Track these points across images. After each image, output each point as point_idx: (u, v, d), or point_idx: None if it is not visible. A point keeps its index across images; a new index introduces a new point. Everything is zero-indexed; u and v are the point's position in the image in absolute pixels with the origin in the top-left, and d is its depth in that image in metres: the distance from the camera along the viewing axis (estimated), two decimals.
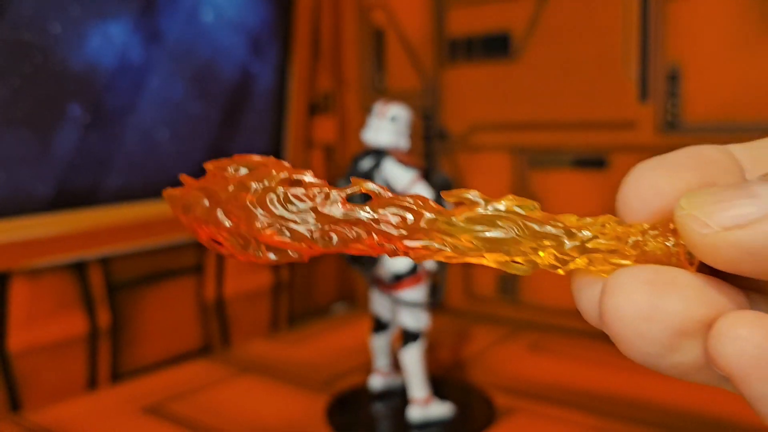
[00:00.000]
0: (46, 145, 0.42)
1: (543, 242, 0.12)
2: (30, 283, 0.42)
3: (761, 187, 0.11)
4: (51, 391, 0.43)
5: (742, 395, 0.11)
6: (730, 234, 0.11)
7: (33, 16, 0.40)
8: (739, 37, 0.43)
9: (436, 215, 0.12)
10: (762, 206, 0.11)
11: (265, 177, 0.12)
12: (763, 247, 0.10)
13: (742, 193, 0.11)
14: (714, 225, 0.11)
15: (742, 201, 0.11)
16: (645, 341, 0.11)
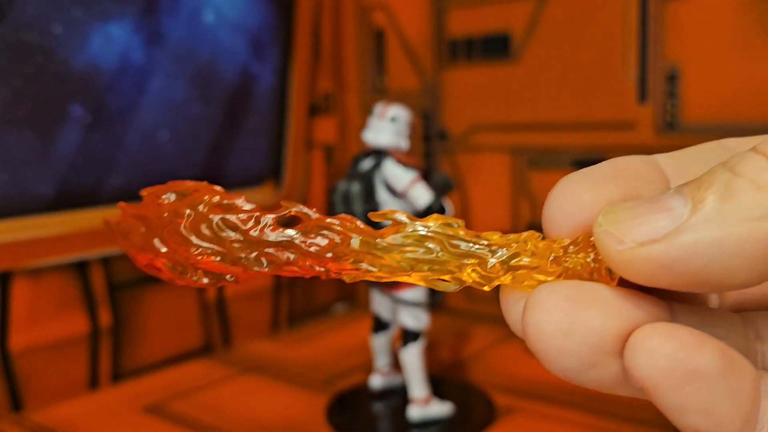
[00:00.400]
0: (47, 145, 0.42)
1: (467, 261, 0.12)
2: (31, 283, 0.42)
3: (674, 200, 0.11)
4: (52, 391, 0.43)
5: (658, 407, 0.11)
6: (644, 249, 0.11)
7: (35, 17, 0.41)
8: (738, 37, 0.43)
9: (364, 237, 0.12)
10: (675, 219, 0.11)
11: (198, 203, 0.13)
12: (678, 261, 0.10)
13: (656, 207, 0.11)
14: (629, 241, 0.11)
15: (655, 215, 0.11)
16: (564, 357, 0.11)
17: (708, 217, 0.10)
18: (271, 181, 0.57)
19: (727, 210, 0.10)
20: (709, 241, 0.10)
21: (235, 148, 0.54)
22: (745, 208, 0.10)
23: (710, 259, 0.10)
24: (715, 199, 0.10)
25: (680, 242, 0.10)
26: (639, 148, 0.48)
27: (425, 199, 0.37)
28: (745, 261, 0.10)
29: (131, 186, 0.47)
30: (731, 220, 0.10)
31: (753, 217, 0.10)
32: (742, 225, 0.10)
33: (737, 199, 0.10)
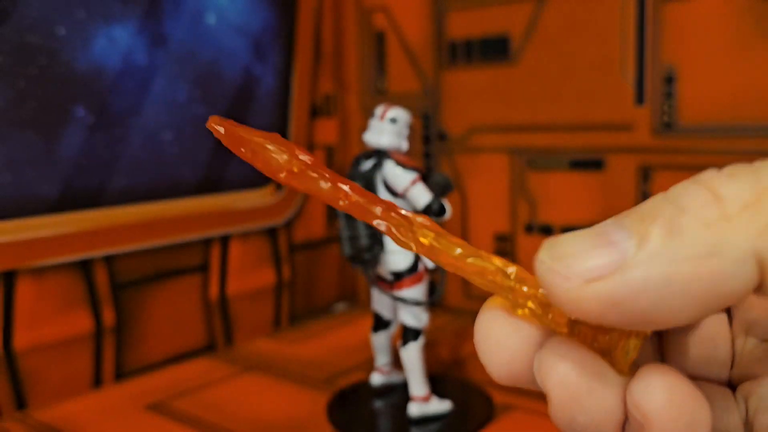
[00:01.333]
0: (51, 146, 0.42)
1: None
2: (35, 282, 0.42)
3: (618, 234, 0.11)
4: (56, 390, 0.44)
5: None
6: (591, 287, 0.10)
7: (38, 18, 0.41)
8: (735, 40, 0.43)
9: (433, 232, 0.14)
10: (621, 255, 0.10)
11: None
12: (625, 299, 0.10)
13: (601, 241, 0.11)
14: (575, 278, 0.11)
15: (600, 250, 0.11)
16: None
17: (655, 254, 0.10)
18: (273, 181, 0.57)
19: (674, 247, 0.10)
20: (657, 280, 0.10)
21: None
22: (692, 245, 0.10)
23: (658, 298, 0.10)
24: (661, 235, 0.10)
25: (628, 280, 0.10)
26: (636, 149, 0.49)
27: (425, 199, 0.37)
28: (692, 299, 0.10)
29: (135, 186, 0.47)
30: (679, 258, 0.10)
31: (700, 255, 0.10)
32: (689, 263, 0.10)
33: (684, 237, 0.10)
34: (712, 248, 0.10)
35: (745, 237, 0.10)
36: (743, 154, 0.44)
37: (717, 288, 0.10)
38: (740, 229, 0.10)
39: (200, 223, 0.51)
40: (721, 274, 0.10)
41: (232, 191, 0.54)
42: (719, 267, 0.10)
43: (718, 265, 0.10)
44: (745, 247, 0.10)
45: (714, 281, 0.10)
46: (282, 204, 0.58)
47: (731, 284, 0.10)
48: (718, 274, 0.10)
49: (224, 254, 0.54)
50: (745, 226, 0.10)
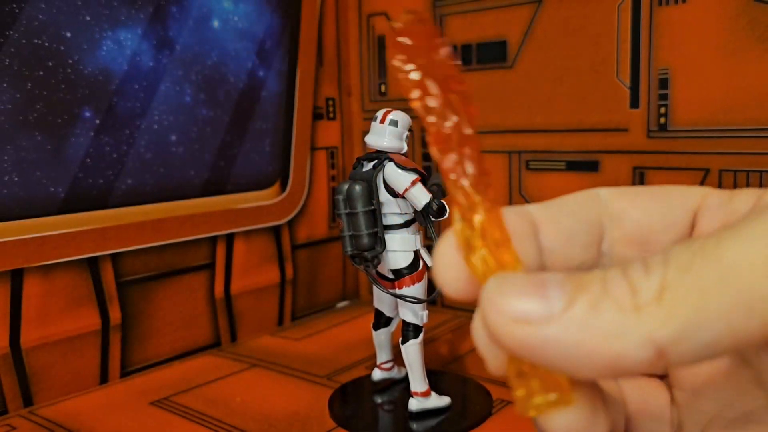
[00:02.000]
0: (58, 148, 0.43)
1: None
2: (43, 280, 0.43)
3: (554, 290, 0.12)
4: (63, 386, 0.44)
5: None
6: (515, 326, 0.12)
7: (46, 22, 0.42)
8: (728, 43, 0.44)
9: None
10: (548, 309, 0.12)
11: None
12: (539, 347, 0.12)
13: (538, 291, 0.12)
14: (504, 315, 0.12)
15: (533, 298, 0.12)
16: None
17: (575, 319, 0.12)
18: (277, 182, 0.58)
19: (592, 320, 0.12)
20: (569, 341, 0.12)
21: (241, 150, 0.54)
22: (606, 323, 0.12)
23: (565, 354, 0.12)
24: (584, 307, 0.12)
25: (546, 332, 0.12)
26: (631, 151, 0.49)
27: (424, 200, 0.38)
28: (594, 364, 0.12)
29: (141, 188, 0.48)
30: (592, 330, 0.12)
31: (609, 333, 0.12)
32: (599, 337, 0.12)
33: (602, 315, 0.12)
34: (620, 330, 0.12)
35: (648, 328, 0.12)
36: (736, 156, 0.45)
37: (616, 362, 0.12)
38: (644, 320, 0.12)
39: (205, 223, 0.52)
40: (622, 351, 0.12)
41: (236, 192, 0.54)
42: (621, 346, 0.12)
43: (620, 344, 0.12)
44: (645, 335, 0.12)
45: (615, 356, 0.12)
46: (285, 203, 0.58)
47: (629, 362, 0.12)
48: (619, 351, 0.12)
49: (229, 253, 0.54)
50: (649, 318, 0.12)
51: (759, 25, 0.43)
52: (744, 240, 0.11)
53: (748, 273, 0.11)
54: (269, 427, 0.39)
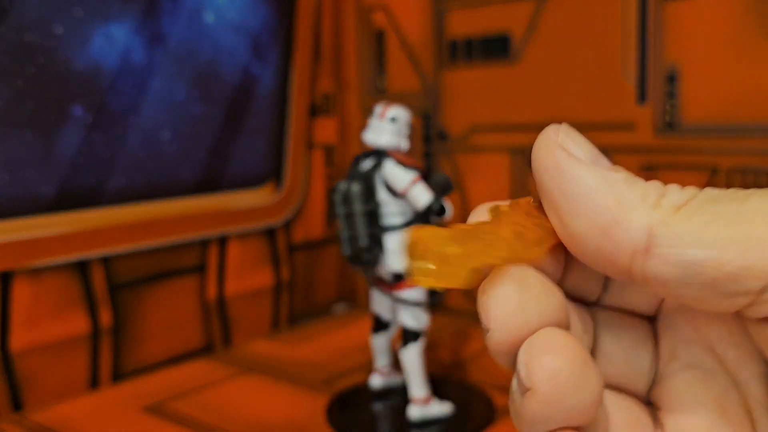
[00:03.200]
0: (49, 146, 0.42)
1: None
2: (32, 283, 0.42)
3: (604, 160, 0.15)
4: (53, 391, 0.43)
5: None
6: (558, 151, 0.15)
7: (36, 17, 0.41)
8: (737, 39, 0.43)
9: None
10: (590, 159, 0.14)
11: None
12: (563, 178, 0.14)
13: (594, 151, 0.15)
14: (555, 141, 0.15)
15: (587, 149, 0.15)
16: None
17: (606, 176, 0.14)
18: (272, 181, 0.57)
19: (619, 185, 0.14)
20: (590, 185, 0.14)
21: (236, 148, 0.54)
22: (627, 193, 0.13)
23: (579, 190, 0.14)
24: (623, 176, 0.14)
25: (575, 168, 0.14)
26: (638, 149, 0.48)
27: (425, 199, 0.37)
28: (591, 216, 0.14)
29: (133, 186, 0.47)
30: (613, 191, 0.13)
31: (623, 201, 0.13)
32: (612, 197, 0.13)
33: (631, 186, 0.14)
34: (633, 205, 0.13)
35: (654, 219, 0.13)
36: (746, 154, 0.44)
37: (611, 225, 0.13)
38: (656, 213, 0.13)
39: (198, 223, 0.51)
40: (622, 219, 0.13)
41: (230, 190, 0.54)
42: (624, 215, 0.13)
43: (625, 213, 0.13)
44: (647, 221, 0.13)
45: (614, 219, 0.13)
46: (281, 204, 0.58)
47: (619, 232, 0.13)
48: (620, 217, 0.13)
49: (222, 254, 0.54)
50: (661, 215, 0.13)
51: None
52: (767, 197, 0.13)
53: (760, 217, 0.12)
54: None
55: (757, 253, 0.12)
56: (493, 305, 0.13)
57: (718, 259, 0.12)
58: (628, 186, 0.13)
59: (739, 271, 0.12)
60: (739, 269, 0.12)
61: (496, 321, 0.13)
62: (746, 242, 0.12)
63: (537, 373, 0.13)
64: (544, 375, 0.12)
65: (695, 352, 0.15)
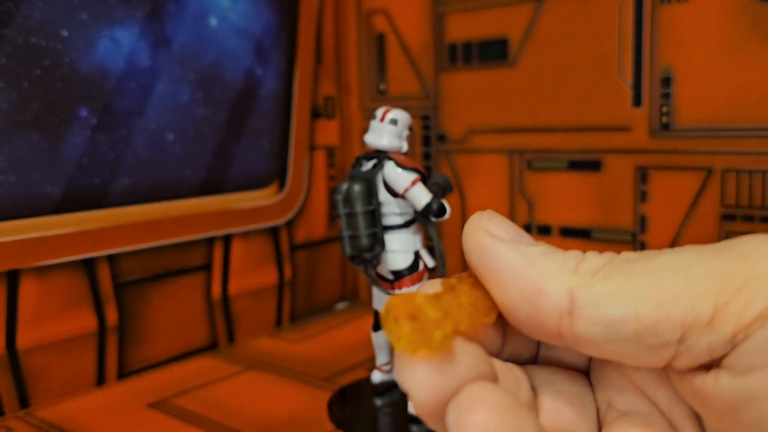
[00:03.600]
0: (55, 147, 0.43)
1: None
2: (39, 281, 0.43)
3: (526, 237, 0.16)
4: (59, 388, 0.44)
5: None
6: (483, 234, 0.16)
7: (41, 20, 0.41)
8: (731, 41, 0.44)
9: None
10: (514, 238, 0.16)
11: None
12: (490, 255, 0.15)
13: (515, 229, 0.16)
14: (481, 226, 0.16)
15: (508, 229, 0.16)
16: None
17: (526, 252, 0.15)
18: (275, 182, 0.58)
19: (538, 259, 0.15)
20: (513, 260, 0.15)
21: (239, 150, 0.54)
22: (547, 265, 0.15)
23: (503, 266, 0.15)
24: (541, 248, 0.16)
25: (501, 248, 0.15)
26: (634, 150, 0.49)
27: (424, 199, 0.37)
28: (517, 289, 0.15)
29: (137, 187, 0.48)
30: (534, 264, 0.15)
31: (544, 272, 0.14)
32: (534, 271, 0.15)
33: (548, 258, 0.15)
34: (554, 275, 0.14)
35: (574, 283, 0.14)
36: (740, 155, 0.45)
37: (535, 294, 0.14)
38: (574, 278, 0.14)
39: (202, 223, 0.52)
40: (545, 288, 0.14)
41: (234, 192, 0.54)
42: (546, 284, 0.14)
43: (547, 282, 0.14)
44: (568, 286, 0.14)
45: (537, 289, 0.14)
46: (284, 204, 0.58)
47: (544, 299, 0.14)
48: (543, 287, 0.14)
49: (226, 254, 0.54)
50: (579, 279, 0.14)
51: (762, 23, 0.43)
52: (674, 252, 0.14)
53: (669, 272, 0.13)
54: (267, 429, 0.39)
55: (669, 306, 0.13)
56: (408, 369, 0.13)
57: (635, 314, 0.13)
58: (547, 257, 0.14)
59: (656, 324, 0.13)
60: (656, 322, 0.13)
61: (414, 382, 0.13)
62: (658, 296, 0.13)
63: (466, 429, 0.12)
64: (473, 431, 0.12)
65: (629, 398, 0.16)
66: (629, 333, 0.13)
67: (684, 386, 0.14)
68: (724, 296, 0.12)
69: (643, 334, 0.13)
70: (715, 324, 0.12)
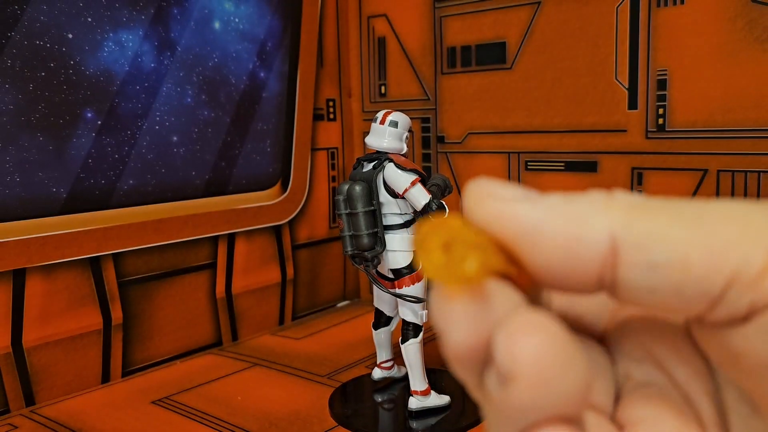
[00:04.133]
0: (60, 148, 0.43)
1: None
2: (45, 280, 0.43)
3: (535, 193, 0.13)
4: (65, 386, 0.44)
5: None
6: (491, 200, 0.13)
7: (48, 23, 0.42)
8: (726, 44, 0.44)
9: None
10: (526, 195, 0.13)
11: None
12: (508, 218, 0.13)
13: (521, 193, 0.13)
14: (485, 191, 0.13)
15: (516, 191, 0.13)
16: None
17: (546, 204, 0.13)
18: (278, 183, 0.58)
19: (561, 206, 0.13)
20: (535, 219, 0.12)
21: (242, 151, 0.55)
22: (574, 210, 0.12)
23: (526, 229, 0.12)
24: (559, 198, 0.13)
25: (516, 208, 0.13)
26: (629, 152, 0.50)
27: (424, 200, 0.38)
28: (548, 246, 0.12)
29: (142, 188, 0.48)
30: (559, 212, 0.12)
31: (574, 219, 0.12)
32: (562, 219, 0.12)
33: (573, 204, 0.12)
34: (586, 216, 0.12)
35: (612, 221, 0.12)
36: (734, 156, 0.45)
37: (571, 245, 0.12)
38: (611, 215, 0.12)
39: (206, 223, 0.52)
40: (581, 234, 0.12)
41: (237, 192, 0.55)
42: (581, 230, 0.12)
43: (581, 228, 0.12)
44: (607, 226, 0.12)
45: (572, 238, 0.12)
46: (286, 204, 0.59)
47: (583, 248, 0.12)
48: (578, 234, 0.12)
49: (230, 253, 0.55)
50: (617, 215, 0.12)
51: (757, 26, 0.43)
52: (727, 201, 0.12)
53: (723, 219, 0.12)
54: (270, 425, 0.39)
55: (721, 254, 0.11)
56: (445, 305, 0.12)
57: (683, 260, 0.12)
58: (572, 203, 0.12)
59: (705, 273, 0.11)
60: (705, 270, 0.11)
61: (450, 319, 0.12)
62: (710, 242, 0.11)
63: (519, 357, 0.11)
64: (527, 358, 0.11)
65: (647, 370, 0.15)
66: (674, 281, 0.12)
67: (710, 339, 0.13)
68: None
69: (688, 283, 0.11)
70: (762, 279, 0.11)
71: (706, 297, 0.12)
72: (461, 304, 0.12)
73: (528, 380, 0.11)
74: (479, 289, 0.12)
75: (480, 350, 0.12)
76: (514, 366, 0.11)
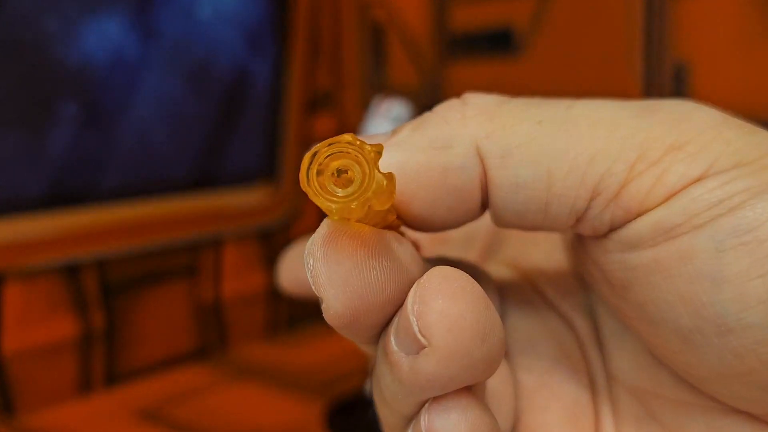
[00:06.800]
0: (39, 144, 0.42)
1: None
2: (23, 285, 0.42)
3: (382, 135, 0.12)
4: (44, 395, 0.43)
5: None
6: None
7: (26, 13, 0.40)
8: (747, 35, 0.43)
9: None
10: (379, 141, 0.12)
11: None
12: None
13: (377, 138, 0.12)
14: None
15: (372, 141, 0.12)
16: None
17: (397, 142, 0.11)
18: (269, 178, 0.57)
19: (414, 138, 0.11)
20: (394, 164, 0.11)
21: (231, 145, 0.54)
22: (429, 138, 0.11)
23: (397, 182, 0.11)
24: (408, 129, 0.11)
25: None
26: None
27: None
28: (425, 188, 0.11)
29: (126, 184, 0.47)
30: (415, 147, 0.11)
31: (434, 147, 0.11)
32: (423, 153, 0.11)
33: (424, 130, 0.11)
34: (445, 142, 0.11)
35: (474, 133, 0.11)
36: None
37: (446, 179, 0.11)
38: (471, 127, 0.11)
39: (193, 224, 0.51)
40: (449, 165, 0.11)
41: (225, 188, 0.54)
42: (447, 159, 0.11)
43: (446, 156, 0.11)
44: (470, 140, 0.11)
45: (443, 171, 0.11)
46: (278, 204, 0.57)
47: (458, 176, 0.11)
48: (446, 164, 0.11)
49: (218, 256, 0.54)
50: (476, 126, 0.11)
51: None
52: (593, 103, 0.11)
53: (588, 127, 0.11)
54: None
55: (585, 167, 0.11)
56: (339, 254, 0.11)
57: (547, 176, 0.11)
58: (425, 127, 0.11)
59: (567, 189, 0.11)
60: (567, 187, 0.11)
61: (336, 276, 0.11)
62: (574, 153, 0.11)
63: (435, 324, 0.10)
64: (444, 324, 0.10)
65: (524, 292, 0.15)
66: (538, 201, 0.11)
67: (582, 251, 0.13)
68: (641, 164, 0.11)
69: (553, 201, 0.11)
70: (621, 196, 0.11)
71: (573, 215, 0.11)
72: (357, 254, 0.11)
73: (444, 351, 0.10)
74: (375, 237, 0.11)
75: (378, 312, 0.11)
76: (429, 334, 0.10)
